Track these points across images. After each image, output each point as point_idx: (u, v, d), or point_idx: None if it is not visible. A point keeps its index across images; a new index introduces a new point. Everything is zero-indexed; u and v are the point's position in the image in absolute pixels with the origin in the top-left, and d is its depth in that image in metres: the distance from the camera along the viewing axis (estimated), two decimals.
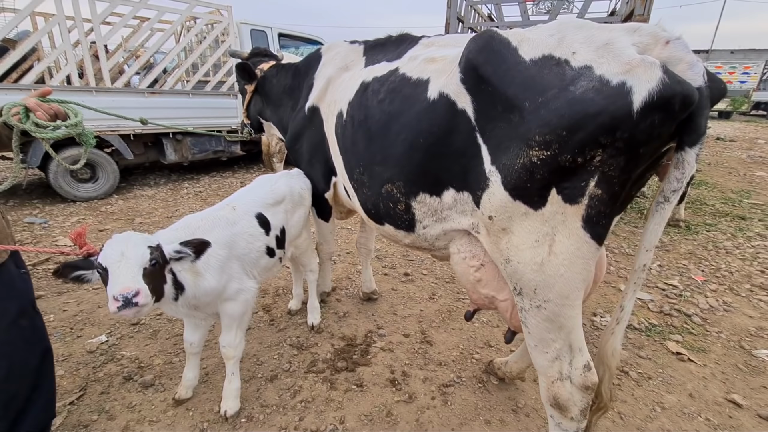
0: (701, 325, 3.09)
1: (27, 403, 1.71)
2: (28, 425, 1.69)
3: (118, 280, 1.46)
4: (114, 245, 1.54)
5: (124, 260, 1.51)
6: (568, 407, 1.51)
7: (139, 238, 1.62)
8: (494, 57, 1.41)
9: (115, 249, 1.52)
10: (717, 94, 1.29)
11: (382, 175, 1.94)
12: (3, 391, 1.61)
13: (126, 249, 1.53)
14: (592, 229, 1.32)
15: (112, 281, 1.46)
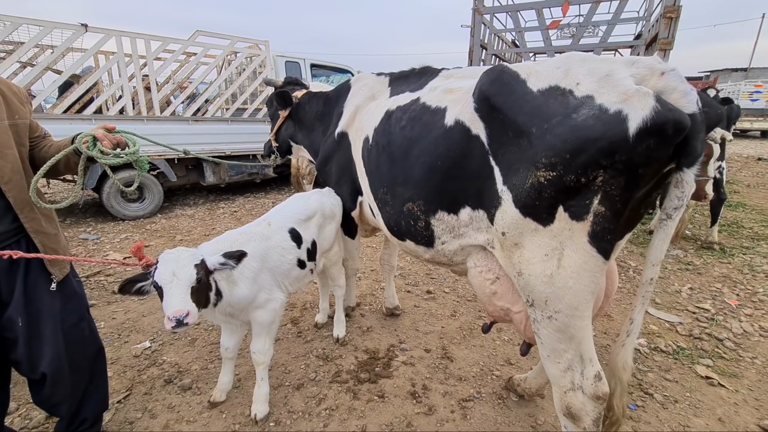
0: (734, 350, 3.00)
1: (85, 394, 1.94)
2: (86, 413, 1.92)
3: (171, 302, 1.66)
4: (167, 265, 1.74)
5: (175, 281, 1.71)
6: (581, 417, 1.56)
7: (187, 257, 1.80)
8: (505, 88, 1.57)
9: (168, 269, 1.73)
10: (714, 118, 1.39)
11: (403, 194, 2.11)
12: (68, 383, 1.84)
13: (177, 269, 1.74)
14: (598, 244, 1.42)
15: (166, 302, 1.67)
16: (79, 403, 1.90)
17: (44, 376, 1.76)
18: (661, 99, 1.24)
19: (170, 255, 1.80)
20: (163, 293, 1.69)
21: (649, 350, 2.99)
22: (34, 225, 1.71)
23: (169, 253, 1.82)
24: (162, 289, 1.69)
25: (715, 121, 1.40)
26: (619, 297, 3.83)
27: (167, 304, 1.66)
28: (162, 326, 3.30)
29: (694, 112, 1.26)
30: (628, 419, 2.34)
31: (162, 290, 1.69)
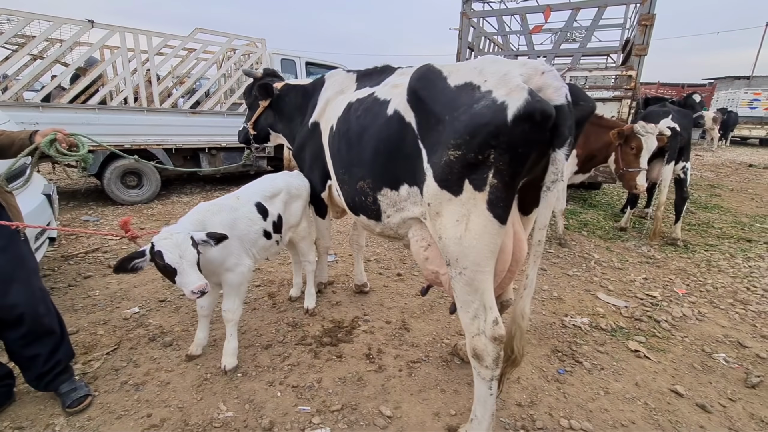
0: (668, 330, 3.28)
1: (61, 339, 2.34)
2: (61, 354, 2.34)
3: (191, 279, 2.09)
4: (173, 250, 2.09)
5: (184, 262, 2.11)
6: (483, 357, 1.87)
7: (184, 238, 2.15)
8: (428, 83, 1.89)
9: (175, 253, 2.09)
10: (586, 110, 1.70)
11: (357, 174, 2.42)
12: (47, 323, 2.23)
13: (182, 252, 2.11)
14: (494, 210, 1.72)
15: (186, 279, 2.09)
16: (54, 345, 2.26)
17: (22, 315, 2.10)
18: (532, 92, 1.54)
19: (168, 239, 2.13)
20: (177, 273, 2.09)
21: (590, 328, 3.28)
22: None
23: (166, 238, 2.14)
24: (176, 270, 2.09)
25: (588, 113, 1.71)
26: (573, 283, 4.12)
27: (187, 281, 2.09)
28: (151, 295, 3.64)
29: (562, 104, 1.56)
30: (555, 381, 2.64)
31: (176, 271, 2.09)
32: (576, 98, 1.70)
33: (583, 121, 1.74)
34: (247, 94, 3.68)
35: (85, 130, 5.76)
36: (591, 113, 1.73)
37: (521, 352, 1.88)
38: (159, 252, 2.10)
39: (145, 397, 2.42)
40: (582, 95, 1.72)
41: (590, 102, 1.71)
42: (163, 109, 6.58)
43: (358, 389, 2.53)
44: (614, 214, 6.80)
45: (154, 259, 2.13)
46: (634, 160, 4.42)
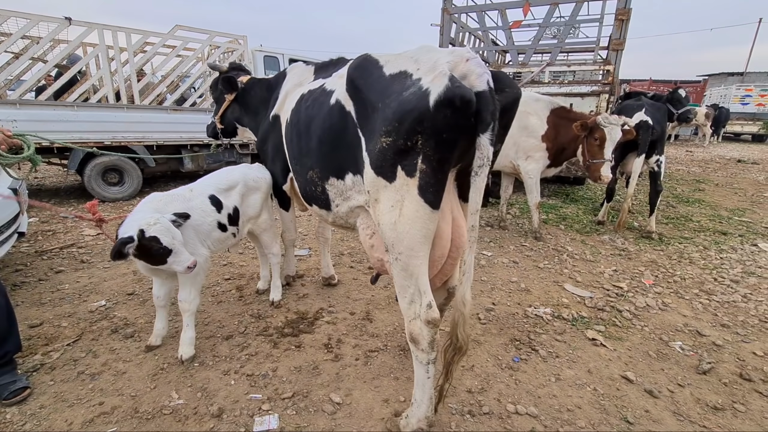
0: (629, 320, 3.31)
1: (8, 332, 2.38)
2: (9, 346, 2.38)
3: (184, 257, 2.36)
4: (166, 233, 2.29)
5: (177, 242, 2.33)
6: (419, 341, 1.90)
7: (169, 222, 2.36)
8: (365, 72, 1.92)
9: (168, 235, 2.30)
10: (511, 96, 1.73)
11: (306, 164, 2.45)
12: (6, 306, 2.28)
13: (173, 233, 2.33)
14: (425, 195, 1.75)
15: (180, 258, 2.35)
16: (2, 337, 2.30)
17: None
18: (453, 78, 1.57)
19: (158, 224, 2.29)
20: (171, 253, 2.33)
21: (552, 318, 3.31)
22: None
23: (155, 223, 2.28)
24: (171, 251, 2.32)
25: (512, 99, 1.74)
26: (543, 275, 4.15)
27: (182, 259, 2.35)
28: (120, 289, 3.66)
29: (483, 89, 1.59)
30: (508, 369, 2.67)
31: (171, 252, 2.32)
32: (501, 85, 1.73)
33: (510, 108, 1.77)
34: (213, 88, 3.70)
35: (63, 127, 5.81)
36: (516, 100, 1.76)
37: (466, 339, 1.90)
38: (155, 237, 2.25)
39: (99, 386, 2.45)
40: (507, 82, 1.75)
41: (515, 89, 1.74)
42: (144, 106, 6.59)
43: (312, 377, 2.56)
44: (594, 208, 6.83)
45: (148, 244, 2.25)
46: (599, 151, 4.44)
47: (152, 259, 2.37)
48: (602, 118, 4.35)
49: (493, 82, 1.65)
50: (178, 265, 2.36)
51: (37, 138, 2.45)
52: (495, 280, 4.02)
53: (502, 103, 1.70)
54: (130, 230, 2.26)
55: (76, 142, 5.87)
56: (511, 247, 4.96)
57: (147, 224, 2.27)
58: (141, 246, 2.26)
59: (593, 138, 4.42)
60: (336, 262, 4.39)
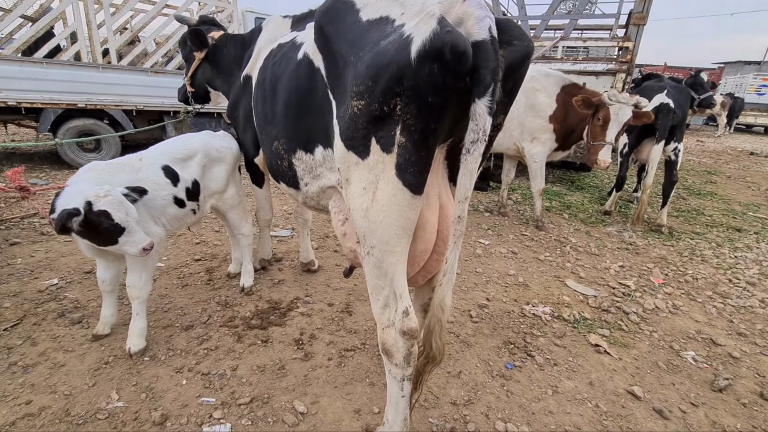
0: (636, 324, 2.99)
1: None
2: None
3: (139, 237, 2.06)
4: (119, 207, 1.99)
5: (131, 219, 2.04)
6: (393, 353, 1.56)
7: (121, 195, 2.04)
8: (336, 17, 1.50)
9: (121, 211, 2.00)
10: (520, 52, 1.32)
11: (271, 133, 2.06)
12: None
13: (127, 209, 2.04)
14: (404, 176, 1.37)
15: (135, 238, 2.05)
16: None
17: None
18: (443, 21, 1.17)
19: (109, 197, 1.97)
20: (124, 232, 2.02)
21: (551, 318, 2.99)
22: None
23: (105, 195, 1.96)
24: (124, 229, 2.01)
25: (521, 56, 1.33)
26: (543, 269, 3.81)
27: (137, 239, 2.05)
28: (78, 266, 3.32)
29: (484, 39, 1.19)
30: (500, 377, 2.36)
31: (123, 230, 2.01)
32: (507, 36, 1.32)
33: (518, 67, 1.37)
34: (182, 44, 3.23)
35: (32, 86, 5.34)
36: (527, 57, 1.35)
37: (441, 348, 1.56)
38: (104, 212, 1.93)
39: (31, 380, 2.14)
40: (516, 32, 1.34)
41: (525, 41, 1.33)
42: (122, 66, 6.09)
43: (277, 379, 2.25)
44: (601, 197, 6.45)
45: (96, 219, 1.93)
46: (601, 132, 3.99)
47: (100, 238, 2.03)
48: (609, 95, 3.90)
49: (497, 31, 1.24)
50: (131, 246, 2.04)
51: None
52: (491, 272, 3.68)
53: (508, 59, 1.31)
54: (73, 201, 1.92)
55: (46, 103, 5.42)
56: (511, 235, 4.60)
57: (96, 196, 1.94)
58: (87, 221, 1.92)
59: (597, 117, 3.98)
60: (319, 245, 4.05)
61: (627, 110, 3.91)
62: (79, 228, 1.94)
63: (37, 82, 5.23)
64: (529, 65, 1.45)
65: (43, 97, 5.38)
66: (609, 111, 3.89)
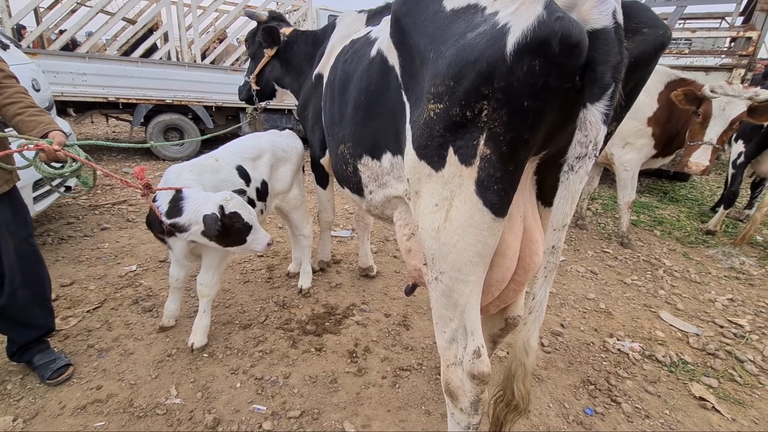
0: (755, 375, 2.46)
1: (46, 310, 2.20)
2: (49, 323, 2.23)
3: (262, 233, 2.17)
4: (245, 208, 2.10)
5: (254, 218, 2.14)
6: (458, 396, 1.35)
7: (241, 198, 2.16)
8: (416, 7, 1.32)
9: (248, 211, 2.11)
10: (651, 43, 1.03)
11: (337, 135, 1.94)
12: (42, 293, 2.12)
13: (249, 210, 2.13)
14: (485, 195, 1.16)
15: (260, 235, 2.16)
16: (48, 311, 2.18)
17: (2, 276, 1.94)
18: (551, 6, 0.92)
19: (235, 200, 2.09)
20: (251, 230, 2.13)
21: (641, 357, 2.56)
22: None
23: (230, 199, 2.08)
24: (252, 227, 2.13)
25: (654, 49, 1.04)
26: (630, 295, 3.32)
27: (261, 236, 2.16)
28: (154, 254, 3.52)
29: (605, 26, 0.93)
30: (577, 424, 2.04)
31: (251, 228, 2.13)
32: (635, 22, 1.04)
33: (647, 63, 1.07)
34: (249, 41, 3.23)
35: (128, 83, 5.85)
36: (660, 49, 1.05)
37: (525, 396, 1.32)
38: (236, 213, 2.06)
39: (103, 365, 2.25)
40: (648, 17, 1.05)
41: (661, 28, 1.04)
42: (204, 65, 6.48)
43: (328, 394, 2.15)
44: (702, 213, 5.58)
45: (229, 222, 2.04)
46: (699, 130, 3.35)
47: (231, 239, 2.11)
48: (713, 87, 3.25)
49: (622, 17, 0.97)
50: (258, 243, 2.15)
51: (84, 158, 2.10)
52: (566, 293, 3.28)
53: (634, 52, 1.03)
54: (204, 207, 2.00)
55: (140, 98, 5.92)
56: (590, 252, 4.11)
57: (224, 200, 2.05)
58: (223, 224, 2.01)
59: (696, 113, 3.35)
60: (378, 249, 3.92)
61: (739, 105, 3.24)
62: (217, 231, 1.99)
63: (133, 80, 5.72)
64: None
65: (137, 93, 5.89)
66: (711, 106, 3.26)
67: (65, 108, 5.87)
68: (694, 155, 3.39)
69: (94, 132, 9.09)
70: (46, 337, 2.23)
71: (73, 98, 5.66)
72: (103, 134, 8.91)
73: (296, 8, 7.10)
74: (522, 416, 1.40)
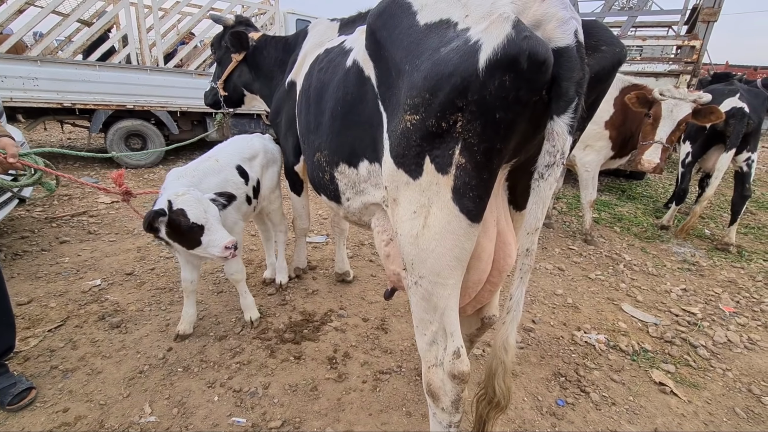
0: (706, 360, 2.66)
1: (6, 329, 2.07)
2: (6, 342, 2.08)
3: (220, 235, 2.01)
4: (196, 205, 1.98)
5: (211, 216, 2.00)
6: (440, 396, 1.40)
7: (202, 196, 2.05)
8: (390, 21, 1.35)
9: (198, 208, 1.98)
10: (609, 59, 1.12)
11: (314, 143, 1.95)
12: None
13: (205, 207, 2.01)
14: (461, 202, 1.21)
15: (215, 236, 2.00)
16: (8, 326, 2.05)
17: None
18: (519, 25, 0.99)
19: (187, 195, 2.00)
20: (203, 231, 1.98)
21: (606, 347, 2.71)
22: None
23: (183, 194, 2.00)
24: (203, 226, 1.98)
25: (611, 64, 1.13)
26: (594, 289, 3.51)
27: (217, 237, 1.99)
28: (120, 267, 3.38)
29: (568, 45, 1.00)
30: (550, 415, 2.14)
31: (202, 228, 1.98)
32: (594, 40, 1.13)
33: (605, 78, 1.16)
34: (216, 45, 3.17)
35: (85, 87, 5.57)
36: (617, 65, 1.15)
37: (506, 393, 1.38)
38: (181, 210, 1.95)
39: (69, 387, 2.15)
40: (605, 36, 1.14)
41: (617, 46, 1.13)
42: (168, 69, 6.26)
43: (309, 401, 2.14)
44: (656, 209, 5.96)
45: (175, 219, 1.95)
46: (651, 130, 3.62)
47: (184, 239, 2.04)
48: (662, 90, 3.53)
49: (583, 36, 1.05)
50: (213, 246, 2.00)
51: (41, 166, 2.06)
52: (536, 290, 3.42)
53: (595, 68, 1.10)
54: (160, 203, 2.02)
55: (98, 104, 5.65)
56: (557, 250, 4.30)
57: (175, 195, 1.99)
58: (170, 220, 1.97)
59: (647, 115, 3.62)
60: (354, 253, 3.93)
61: (684, 107, 3.52)
62: (167, 229, 1.98)
63: (90, 84, 5.46)
64: None
65: (96, 98, 5.62)
66: (660, 108, 3.53)
67: (14, 114, 5.52)
68: (647, 153, 3.64)
69: (47, 139, 8.58)
70: (4, 359, 2.10)
71: (24, 104, 5.32)
72: (57, 141, 8.42)
73: (263, 12, 7.01)
74: (503, 412, 1.47)
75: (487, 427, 1.48)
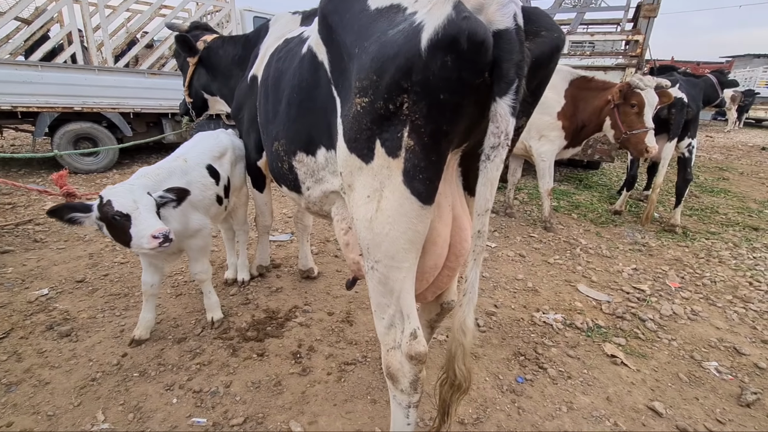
0: (654, 332, 2.83)
1: None
2: None
3: (149, 223, 1.84)
4: (124, 196, 1.86)
5: (141, 207, 1.86)
6: (398, 378, 1.42)
7: (137, 188, 1.94)
8: (342, 5, 1.37)
9: (127, 198, 1.85)
10: (549, 44, 1.17)
11: (272, 132, 1.94)
12: None
13: (136, 198, 1.88)
14: (412, 184, 1.23)
15: (143, 224, 1.83)
16: None
17: None
18: (459, 6, 1.02)
19: (118, 188, 1.90)
20: (131, 221, 1.84)
21: (563, 326, 2.84)
22: None
23: (115, 188, 1.91)
24: (129, 216, 1.83)
25: (551, 49, 1.18)
26: (553, 272, 3.66)
27: (145, 226, 1.83)
28: (69, 275, 3.20)
29: (507, 27, 1.04)
30: (510, 392, 2.21)
31: (129, 218, 1.84)
32: (535, 26, 1.17)
33: (547, 63, 1.21)
34: (177, 54, 3.12)
35: (28, 89, 5.25)
36: (556, 50, 1.20)
37: (466, 375, 1.40)
38: (108, 200, 1.84)
39: (14, 400, 2.02)
40: (545, 22, 1.19)
41: (556, 32, 1.18)
42: (118, 68, 5.98)
43: (272, 397, 2.12)
44: (611, 196, 6.27)
45: (104, 212, 1.84)
46: (638, 119, 3.83)
47: (117, 233, 1.91)
48: (637, 80, 3.74)
49: (523, 20, 1.09)
50: (141, 235, 1.82)
51: None
52: (498, 276, 3.53)
53: (535, 53, 1.15)
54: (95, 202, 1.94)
55: (42, 106, 5.32)
56: (518, 237, 4.44)
57: (107, 189, 1.92)
58: (100, 213, 1.88)
59: (629, 105, 3.81)
60: (319, 250, 3.91)
61: (653, 93, 3.80)
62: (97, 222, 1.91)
63: (32, 86, 5.14)
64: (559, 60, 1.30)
65: (39, 100, 5.29)
66: (642, 96, 3.74)
67: None
68: (648, 140, 3.84)
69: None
70: None
71: None
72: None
73: (218, 9, 6.81)
74: (465, 394, 1.50)
75: (451, 409, 1.51)
